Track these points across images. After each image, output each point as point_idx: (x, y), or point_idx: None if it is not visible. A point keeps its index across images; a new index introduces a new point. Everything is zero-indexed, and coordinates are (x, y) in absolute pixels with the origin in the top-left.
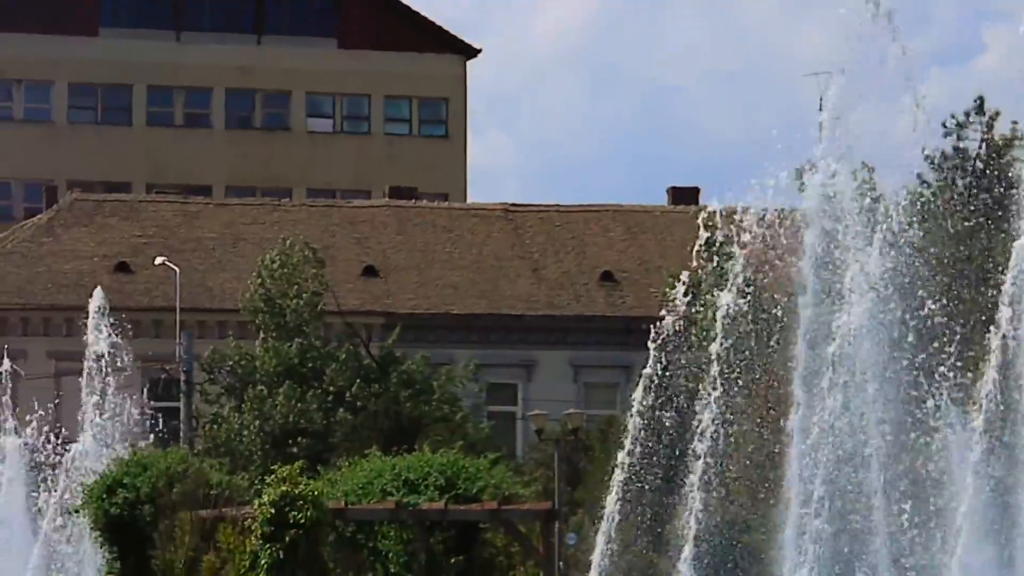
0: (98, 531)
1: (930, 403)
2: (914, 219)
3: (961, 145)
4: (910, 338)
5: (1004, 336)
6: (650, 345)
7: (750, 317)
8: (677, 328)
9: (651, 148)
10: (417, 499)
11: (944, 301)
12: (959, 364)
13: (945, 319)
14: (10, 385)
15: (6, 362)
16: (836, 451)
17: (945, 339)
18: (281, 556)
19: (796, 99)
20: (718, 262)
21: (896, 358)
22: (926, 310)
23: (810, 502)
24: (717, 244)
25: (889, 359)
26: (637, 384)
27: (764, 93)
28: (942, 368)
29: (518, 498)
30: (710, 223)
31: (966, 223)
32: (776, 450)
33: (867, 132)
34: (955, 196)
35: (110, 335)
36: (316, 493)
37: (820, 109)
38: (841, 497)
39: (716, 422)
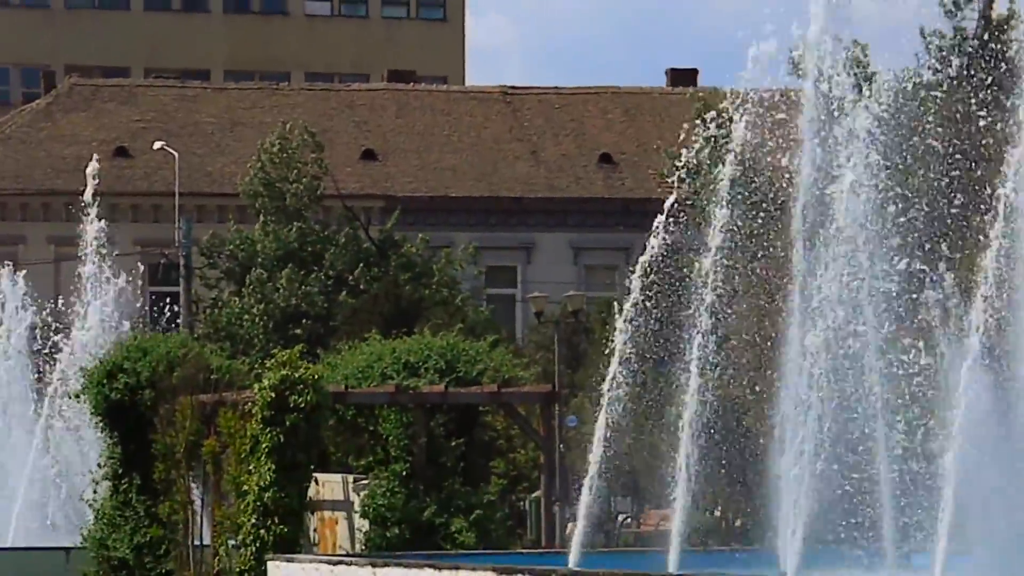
0: (98, 416)
1: (927, 290)
2: (910, 97)
3: (960, 25)
4: (906, 213)
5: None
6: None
7: (747, 196)
8: (675, 208)
9: (650, 29)
10: (417, 382)
11: (942, 177)
12: (957, 241)
13: (942, 198)
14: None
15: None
16: (834, 325)
17: (943, 215)
18: (281, 440)
19: None
20: (715, 142)
21: (891, 233)
22: (923, 187)
23: (809, 379)
24: (714, 124)
25: (885, 235)
26: (635, 265)
27: None
28: (941, 244)
29: (518, 381)
30: (707, 103)
31: (962, 103)
32: (774, 330)
33: (864, 11)
34: (952, 76)
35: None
36: (316, 377)
37: None
38: (839, 373)
39: (714, 303)
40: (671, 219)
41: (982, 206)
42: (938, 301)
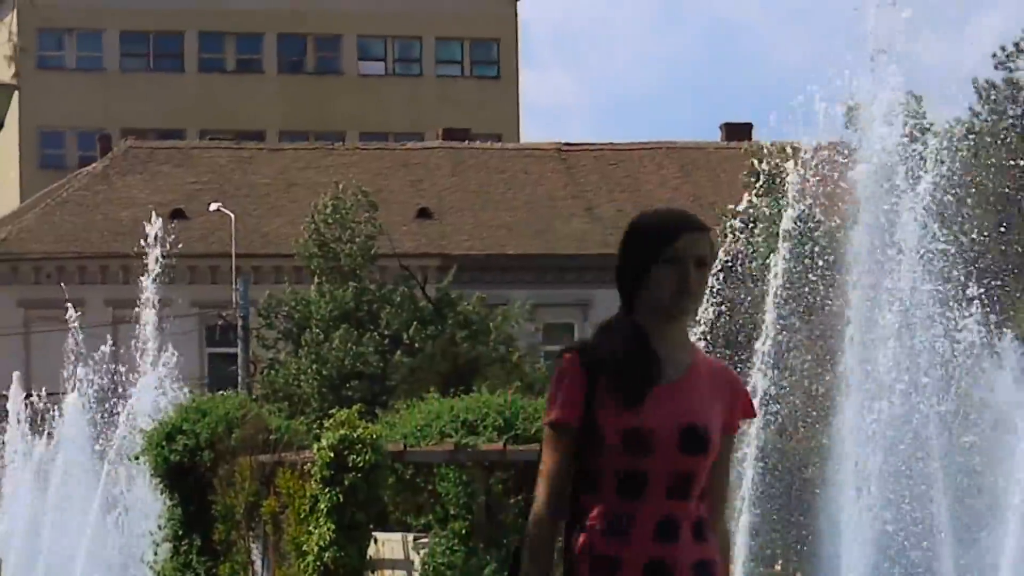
0: (158, 478)
1: (973, 338)
2: (965, 150)
3: (1012, 76)
4: (959, 269)
5: None
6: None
7: (804, 250)
8: (731, 263)
9: (704, 84)
10: (476, 440)
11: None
12: (1010, 293)
13: (996, 252)
14: (72, 334)
15: (71, 312)
16: (892, 382)
17: (996, 269)
18: (341, 499)
19: (855, 31)
20: (770, 197)
21: (946, 290)
22: (976, 241)
23: (867, 430)
24: (769, 179)
25: (940, 291)
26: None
27: (826, 26)
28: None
29: None
30: (761, 158)
31: (1016, 154)
32: (832, 382)
33: (919, 64)
34: (1006, 127)
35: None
36: (375, 436)
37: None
38: (895, 428)
39: (772, 356)
40: (727, 273)
41: None
42: (995, 359)
